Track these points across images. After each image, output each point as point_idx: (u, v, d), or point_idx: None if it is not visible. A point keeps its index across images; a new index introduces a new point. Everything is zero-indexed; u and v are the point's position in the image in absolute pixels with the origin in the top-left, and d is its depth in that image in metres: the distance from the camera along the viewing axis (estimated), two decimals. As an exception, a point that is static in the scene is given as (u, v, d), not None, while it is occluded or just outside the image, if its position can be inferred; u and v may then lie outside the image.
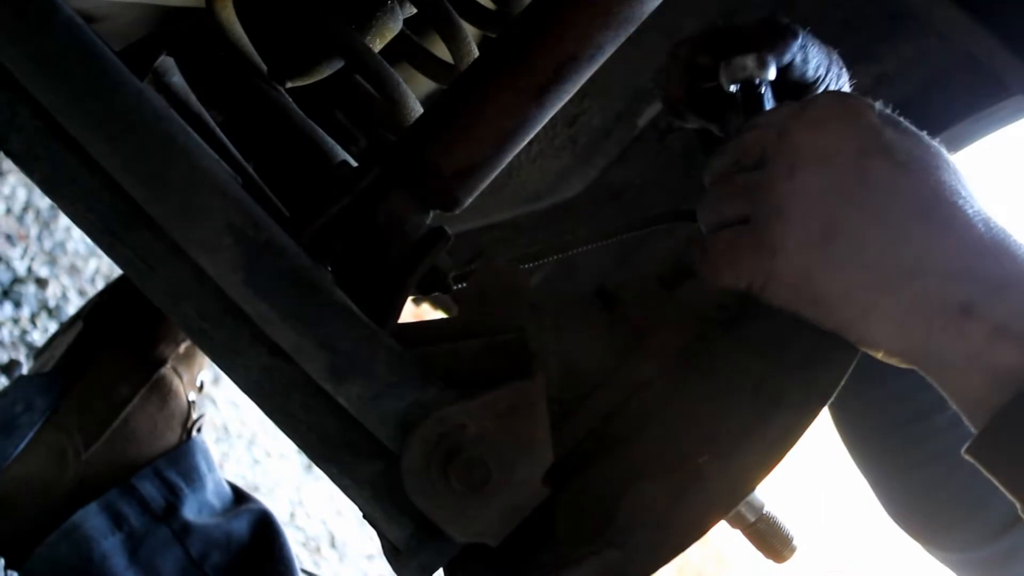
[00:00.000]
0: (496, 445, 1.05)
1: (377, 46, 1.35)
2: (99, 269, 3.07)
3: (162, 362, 1.69)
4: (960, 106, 1.79)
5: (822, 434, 1.10)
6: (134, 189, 1.05)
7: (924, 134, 1.09)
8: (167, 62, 1.29)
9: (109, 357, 1.65)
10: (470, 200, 1.17)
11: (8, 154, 1.07)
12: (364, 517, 1.15)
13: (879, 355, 1.05)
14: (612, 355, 1.13)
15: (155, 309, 1.09)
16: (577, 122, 1.86)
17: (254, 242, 1.05)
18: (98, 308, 1.72)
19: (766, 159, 1.10)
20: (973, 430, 1.03)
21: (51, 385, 1.62)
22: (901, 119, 1.11)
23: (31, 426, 1.60)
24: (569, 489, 1.09)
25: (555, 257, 1.27)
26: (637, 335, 1.14)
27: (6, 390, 1.66)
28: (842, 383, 1.07)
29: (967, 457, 1.03)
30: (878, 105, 1.10)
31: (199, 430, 1.74)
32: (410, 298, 1.22)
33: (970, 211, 1.03)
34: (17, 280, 2.61)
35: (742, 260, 1.08)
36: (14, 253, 2.71)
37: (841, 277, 1.04)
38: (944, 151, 1.09)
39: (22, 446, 1.58)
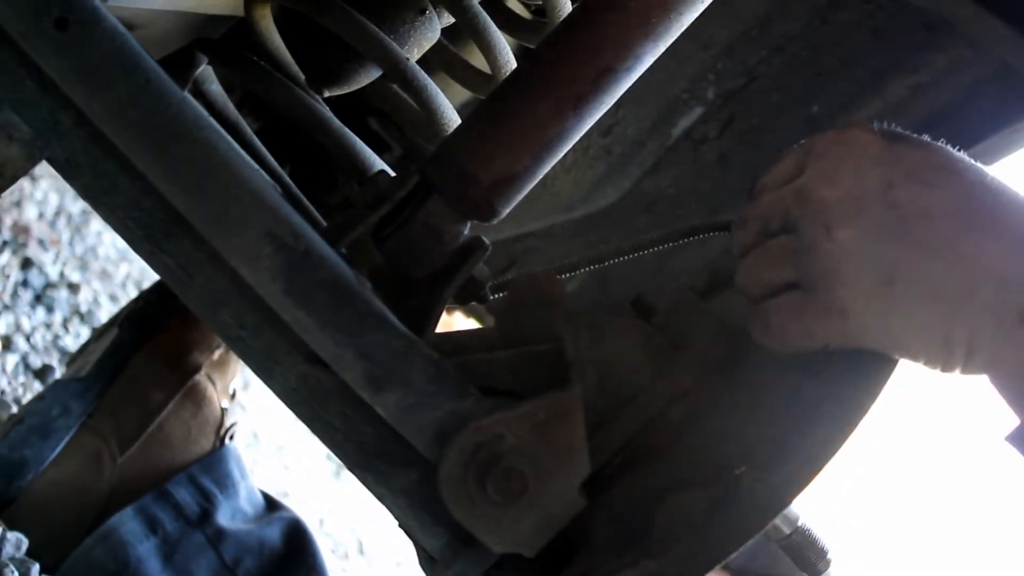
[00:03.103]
0: (533, 455, 1.05)
1: (415, 56, 1.35)
2: (130, 274, 3.08)
3: (196, 369, 1.69)
4: (996, 117, 1.78)
5: (860, 448, 1.09)
6: (174, 197, 1.05)
7: (926, 138, 1.08)
8: (205, 70, 1.29)
9: (144, 363, 1.66)
10: (508, 210, 1.17)
11: (50, 161, 1.07)
12: (400, 526, 1.15)
13: (961, 375, 1.04)
14: (648, 366, 1.13)
15: (189, 316, 1.10)
16: (612, 132, 1.86)
17: (294, 251, 1.05)
18: (133, 315, 1.72)
19: (793, 221, 1.08)
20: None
21: (87, 390, 1.63)
22: (900, 130, 1.09)
23: (67, 430, 1.60)
24: (606, 499, 1.10)
25: (590, 267, 1.26)
26: (673, 346, 1.14)
27: (43, 394, 1.67)
28: (880, 396, 1.07)
29: (1007, 443, 1.02)
30: (875, 124, 1.09)
31: (232, 437, 1.75)
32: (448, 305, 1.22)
33: (1008, 208, 1.02)
34: (49, 285, 2.62)
35: (815, 328, 1.06)
36: (46, 258, 2.72)
37: (914, 316, 1.03)
38: (949, 149, 1.07)
39: (58, 450, 1.59)
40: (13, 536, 1.47)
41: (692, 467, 1.09)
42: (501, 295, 1.22)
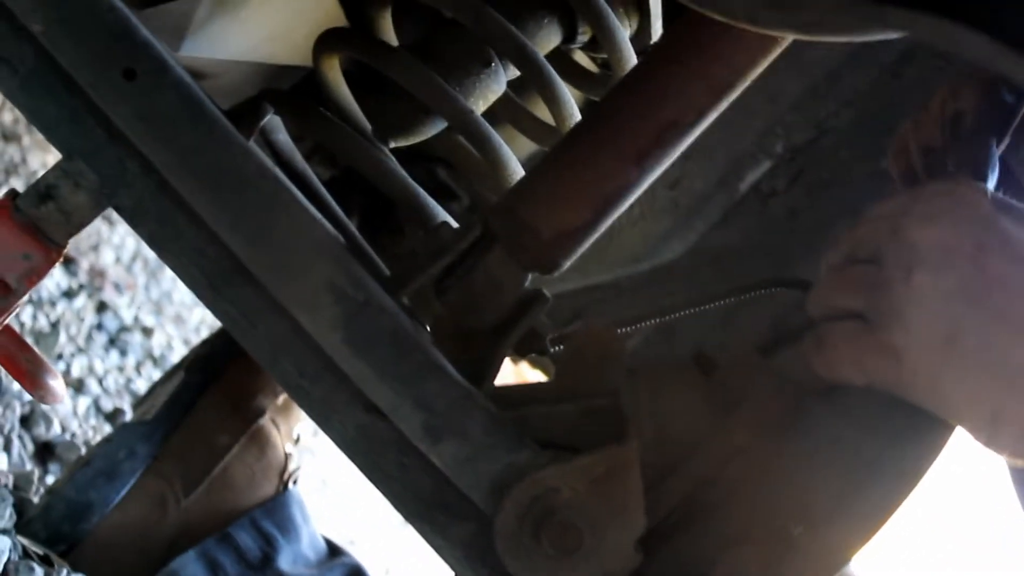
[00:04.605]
0: (589, 509, 1.05)
1: (480, 107, 1.36)
2: (204, 319, 3.11)
3: (261, 413, 1.70)
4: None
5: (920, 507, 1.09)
6: (237, 246, 1.07)
7: None
8: (273, 120, 1.30)
9: (209, 407, 1.67)
10: (568, 263, 1.17)
11: (117, 209, 1.09)
12: (458, 580, 1.15)
13: (1005, 456, 1.04)
14: (707, 421, 1.13)
15: (253, 361, 1.11)
16: (679, 185, 1.86)
17: (353, 301, 1.06)
18: (199, 359, 1.74)
19: (881, 255, 1.07)
20: None
21: (153, 433, 1.64)
22: (1014, 202, 1.08)
23: (133, 473, 1.61)
24: (661, 556, 1.09)
25: (654, 321, 1.26)
26: (733, 402, 1.13)
27: (109, 437, 1.68)
28: (938, 457, 1.06)
29: None
30: (990, 190, 1.08)
31: (295, 482, 1.75)
32: (510, 357, 1.22)
33: None
34: (124, 328, 2.65)
35: (865, 361, 1.06)
36: (121, 302, 2.75)
37: (967, 383, 1.02)
38: None
39: (124, 492, 1.60)
40: (77, 578, 1.49)
41: (748, 524, 1.08)
42: (561, 348, 1.21)
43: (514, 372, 3.09)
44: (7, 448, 1.75)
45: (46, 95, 1.08)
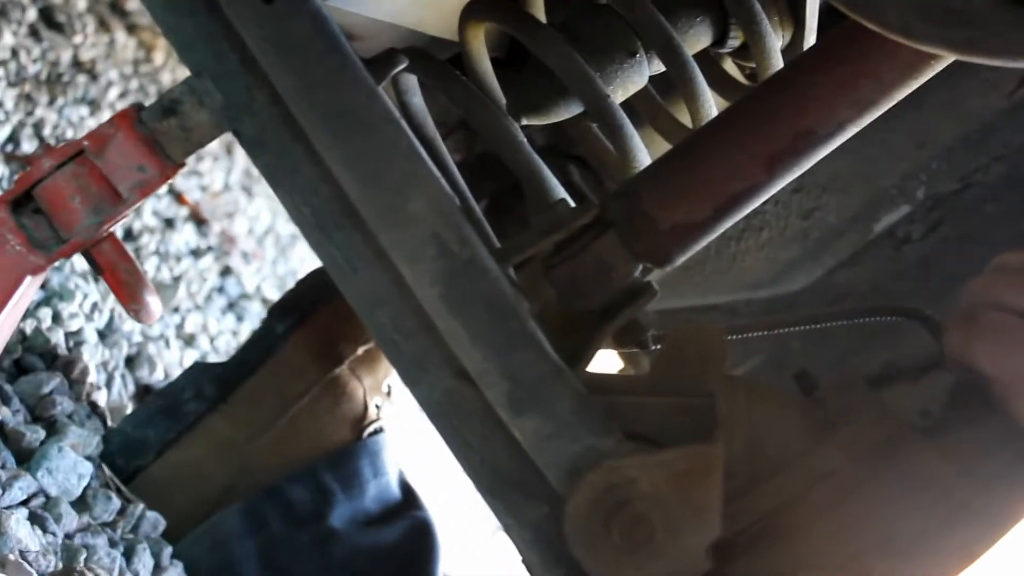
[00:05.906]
0: (665, 505, 1.03)
1: (618, 97, 1.34)
2: (327, 299, 3.11)
3: (339, 362, 1.66)
4: None
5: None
6: (350, 186, 1.06)
7: None
8: (410, 80, 1.30)
9: (288, 353, 1.62)
10: (682, 259, 1.15)
11: (237, 135, 1.09)
12: (522, 562, 1.13)
13: None
14: (801, 439, 1.10)
15: (340, 308, 1.09)
16: (812, 216, 1.83)
17: (457, 258, 1.05)
18: (281, 303, 1.73)
19: None
20: None
21: (225, 375, 1.62)
22: None
23: (196, 414, 1.57)
24: (733, 569, 1.06)
25: (761, 333, 1.23)
26: (830, 424, 1.10)
27: (179, 376, 1.65)
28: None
29: None
30: None
31: (380, 432, 1.69)
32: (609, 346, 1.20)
33: None
34: (244, 296, 2.66)
35: (1005, 350, 1.04)
36: (247, 270, 2.77)
37: None
38: None
39: (185, 432, 1.57)
40: (152, 515, 1.46)
41: (827, 550, 1.05)
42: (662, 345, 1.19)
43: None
44: (108, 384, 1.76)
45: (187, 14, 1.08)
